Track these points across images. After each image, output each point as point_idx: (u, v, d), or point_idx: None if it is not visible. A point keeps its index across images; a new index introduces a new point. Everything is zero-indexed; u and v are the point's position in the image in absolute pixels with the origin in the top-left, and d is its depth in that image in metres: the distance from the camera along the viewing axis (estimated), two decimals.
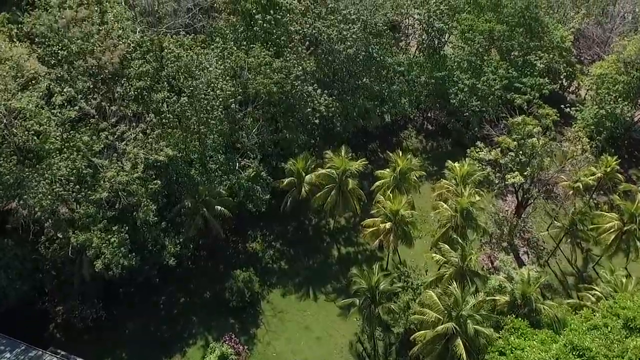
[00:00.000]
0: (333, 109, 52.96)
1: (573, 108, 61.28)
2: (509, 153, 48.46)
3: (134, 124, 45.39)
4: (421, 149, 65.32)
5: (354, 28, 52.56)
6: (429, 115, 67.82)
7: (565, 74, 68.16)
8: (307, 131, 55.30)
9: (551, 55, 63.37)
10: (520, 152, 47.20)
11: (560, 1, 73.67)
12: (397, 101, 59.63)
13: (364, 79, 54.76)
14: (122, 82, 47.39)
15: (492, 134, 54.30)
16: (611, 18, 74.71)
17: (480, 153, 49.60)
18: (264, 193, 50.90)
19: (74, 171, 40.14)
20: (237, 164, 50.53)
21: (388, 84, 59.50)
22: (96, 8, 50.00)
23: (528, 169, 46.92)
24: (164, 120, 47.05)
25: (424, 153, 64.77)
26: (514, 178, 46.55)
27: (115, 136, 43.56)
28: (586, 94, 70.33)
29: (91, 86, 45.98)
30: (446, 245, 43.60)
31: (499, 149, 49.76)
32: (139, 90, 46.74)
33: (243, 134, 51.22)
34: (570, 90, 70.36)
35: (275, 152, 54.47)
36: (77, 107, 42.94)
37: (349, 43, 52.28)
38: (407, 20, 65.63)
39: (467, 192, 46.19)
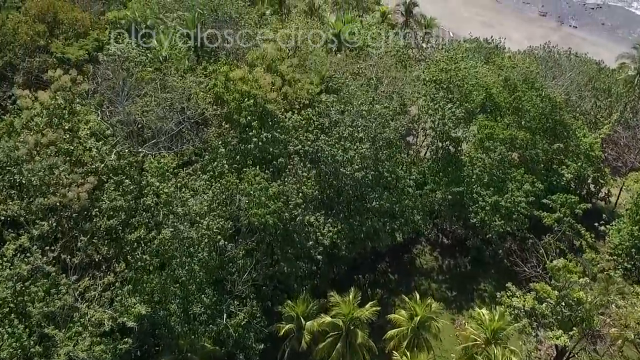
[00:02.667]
0: (339, 240, 45.94)
1: (608, 226, 54.25)
2: (548, 299, 40.93)
3: (101, 273, 38.09)
4: (437, 269, 57.85)
5: (362, 148, 46.09)
6: (444, 227, 60.73)
7: (593, 177, 61.60)
8: (308, 258, 47.97)
9: (579, 163, 57.00)
10: (563, 304, 39.70)
11: (579, 95, 68.09)
12: (409, 218, 52.62)
13: (373, 202, 47.81)
14: (93, 213, 40.64)
15: (524, 270, 47.24)
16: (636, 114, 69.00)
17: (513, 299, 42.06)
18: (257, 342, 43.13)
19: (19, 351, 32.48)
20: (227, 307, 42.86)
21: (398, 198, 52.62)
22: (67, 125, 43.79)
23: (574, 329, 39.30)
24: (139, 262, 39.91)
25: (440, 273, 57.32)
26: (557, 339, 38.82)
27: (78, 292, 36.20)
28: (617, 201, 63.66)
29: (54, 224, 39.05)
30: None
31: (534, 293, 42.28)
32: (109, 228, 39.86)
33: (233, 270, 43.93)
34: (599, 197, 63.57)
35: (271, 287, 46.89)
36: (31, 259, 35.79)
37: (356, 166, 45.67)
38: (418, 124, 59.55)
39: (500, 352, 38.41)
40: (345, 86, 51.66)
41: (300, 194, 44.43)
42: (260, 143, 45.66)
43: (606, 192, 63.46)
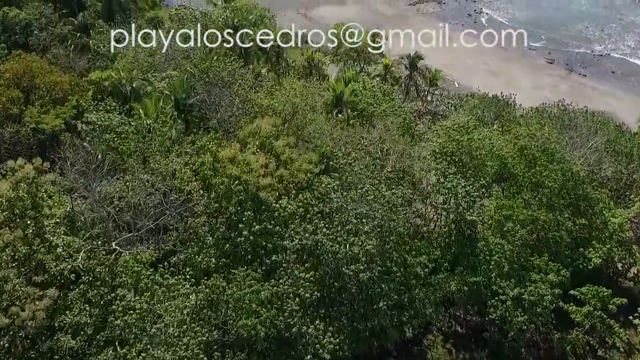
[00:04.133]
0: (340, 351, 39.98)
1: None
2: None
3: None
4: None
5: (367, 244, 40.42)
6: (458, 314, 54.65)
7: (621, 256, 55.86)
8: None
9: (607, 246, 51.35)
10: None
11: (598, 161, 62.90)
12: (419, 309, 46.74)
13: (380, 303, 41.99)
14: (56, 325, 34.86)
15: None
16: None
17: None
18: None
19: None
20: None
21: (407, 287, 46.78)
22: (29, 221, 38.22)
23: None
24: None
25: None
26: None
27: None
28: None
29: (6, 344, 33.21)
30: None
31: None
32: (69, 350, 33.96)
33: None
34: (627, 277, 57.76)
35: None
36: None
37: (361, 266, 39.94)
38: (428, 200, 54.08)
39: None
40: (349, 166, 46.27)
41: (297, 299, 38.61)
42: (251, 237, 40.09)
43: (635, 271, 57.64)
